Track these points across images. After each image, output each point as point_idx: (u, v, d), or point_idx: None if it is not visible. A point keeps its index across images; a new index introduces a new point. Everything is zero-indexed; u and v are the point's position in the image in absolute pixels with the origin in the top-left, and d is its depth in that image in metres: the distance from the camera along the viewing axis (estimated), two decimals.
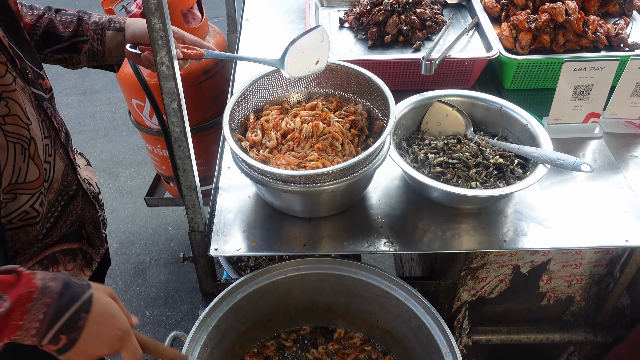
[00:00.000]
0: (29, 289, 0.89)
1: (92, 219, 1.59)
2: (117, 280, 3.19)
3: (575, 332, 1.97)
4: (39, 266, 1.40)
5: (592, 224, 1.59)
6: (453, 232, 1.57)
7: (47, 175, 1.34)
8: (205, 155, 2.78)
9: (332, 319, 1.74)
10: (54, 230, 1.41)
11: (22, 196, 1.27)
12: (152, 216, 3.58)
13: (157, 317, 3.01)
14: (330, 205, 1.57)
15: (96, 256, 1.63)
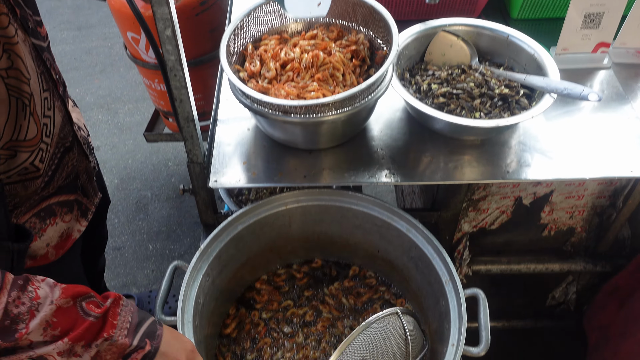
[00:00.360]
0: (115, 298, 1.07)
1: (85, 169, 1.57)
2: (119, 215, 3.21)
3: (574, 262, 1.99)
4: (35, 218, 1.38)
5: (597, 155, 1.56)
6: (455, 164, 1.55)
7: (47, 130, 1.30)
8: (204, 90, 2.73)
9: (332, 250, 1.76)
10: (51, 183, 1.39)
11: (22, 154, 1.24)
12: (152, 152, 3.56)
13: (160, 250, 3.05)
14: (330, 136, 1.55)
15: (91, 206, 1.61)
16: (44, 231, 1.41)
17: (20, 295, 0.92)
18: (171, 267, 1.49)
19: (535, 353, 2.56)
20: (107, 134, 3.67)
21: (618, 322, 1.88)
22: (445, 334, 1.40)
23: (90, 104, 3.88)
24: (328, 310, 1.67)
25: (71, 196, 1.50)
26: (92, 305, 1.03)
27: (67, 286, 1.00)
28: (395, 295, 1.71)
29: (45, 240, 1.42)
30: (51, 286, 0.99)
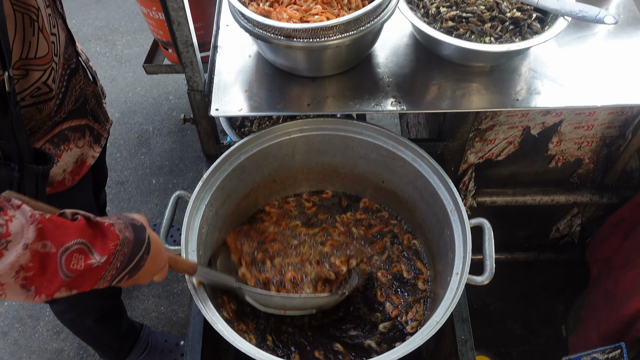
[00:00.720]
0: (115, 242, 0.91)
1: (93, 94, 1.55)
2: (121, 150, 3.18)
3: (581, 194, 1.97)
4: (50, 144, 1.39)
5: (610, 83, 1.51)
6: (463, 91, 1.51)
7: (55, 49, 1.28)
8: (203, 18, 2.64)
9: (337, 181, 1.73)
10: (62, 107, 1.38)
11: (34, 72, 1.22)
12: (153, 85, 3.50)
13: (163, 184, 3.04)
14: (335, 62, 1.49)
15: (103, 132, 1.61)
16: (59, 157, 1.42)
17: None
18: (174, 197, 1.48)
19: (536, 285, 2.59)
20: (106, 67, 3.59)
21: (621, 254, 1.88)
22: (449, 263, 1.39)
23: (88, 35, 3.78)
24: (338, 234, 1.65)
25: (82, 121, 1.48)
26: (76, 255, 0.87)
27: (46, 223, 0.83)
28: (404, 231, 1.69)
29: (62, 166, 1.44)
30: (27, 220, 0.81)
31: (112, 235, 0.91)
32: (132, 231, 0.97)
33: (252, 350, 1.21)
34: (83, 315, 1.90)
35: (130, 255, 0.96)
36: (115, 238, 0.91)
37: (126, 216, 1.00)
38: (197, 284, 1.31)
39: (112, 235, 0.91)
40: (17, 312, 2.60)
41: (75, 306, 1.85)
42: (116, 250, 0.92)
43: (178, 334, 2.52)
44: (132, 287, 2.67)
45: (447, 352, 1.53)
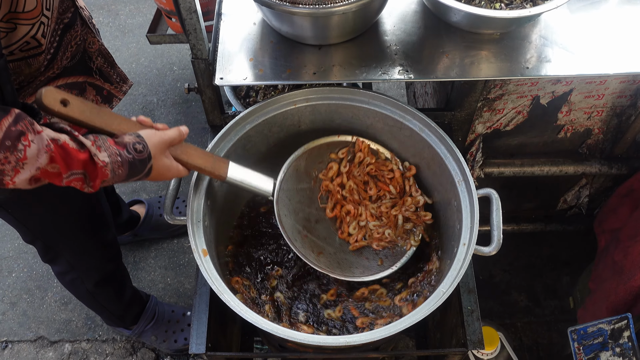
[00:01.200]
0: (102, 179, 1.08)
1: (99, 52, 1.51)
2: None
3: (590, 164, 1.95)
4: None
5: (622, 50, 1.48)
6: (472, 59, 1.48)
7: (47, 3, 1.24)
8: None
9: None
10: (53, 62, 1.35)
11: (22, 27, 1.19)
12: (157, 56, 3.46)
13: None
14: (341, 30, 1.46)
15: (118, 93, 1.59)
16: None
17: (7, 156, 0.95)
18: None
19: (543, 256, 2.59)
20: (109, 37, 3.55)
21: (630, 225, 1.87)
22: (456, 234, 1.39)
23: (90, 5, 3.72)
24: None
25: (79, 78, 1.45)
26: (74, 182, 1.07)
27: (57, 151, 1.01)
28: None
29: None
30: (42, 147, 0.99)
31: (101, 175, 1.06)
32: (126, 168, 1.10)
33: (258, 320, 1.22)
34: (83, 278, 1.91)
35: (123, 180, 1.12)
36: (104, 177, 1.07)
37: (137, 146, 1.12)
38: (204, 254, 1.31)
39: (102, 175, 1.06)
40: (25, 284, 2.62)
41: (75, 267, 1.86)
42: (103, 182, 1.09)
43: (185, 304, 2.53)
44: (138, 258, 2.68)
45: (453, 323, 1.54)
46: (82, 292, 2.01)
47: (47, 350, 2.47)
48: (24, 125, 0.97)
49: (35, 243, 1.72)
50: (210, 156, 1.34)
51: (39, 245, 1.73)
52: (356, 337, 1.21)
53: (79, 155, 1.04)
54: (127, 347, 2.46)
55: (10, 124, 0.95)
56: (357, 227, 1.54)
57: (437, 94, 2.02)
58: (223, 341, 1.62)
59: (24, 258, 2.68)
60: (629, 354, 1.51)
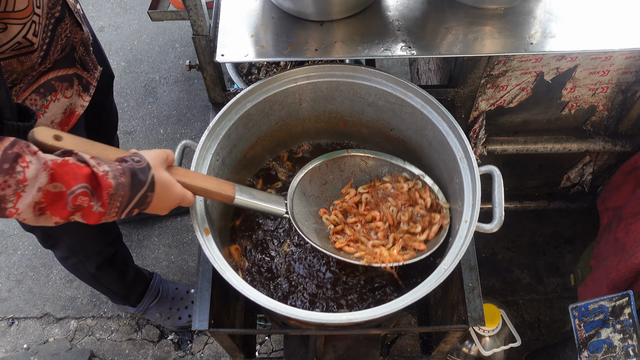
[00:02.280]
0: (108, 190, 1.01)
1: (81, 41, 1.50)
2: (128, 99, 3.16)
3: (594, 142, 1.94)
4: (36, 95, 1.35)
5: (628, 25, 1.46)
6: (476, 35, 1.46)
7: (37, 1, 1.24)
8: None
9: (345, 129, 1.71)
10: (47, 57, 1.34)
11: (13, 27, 1.18)
12: (159, 33, 3.43)
13: (171, 134, 3.02)
14: (343, 5, 1.45)
15: (92, 80, 1.56)
16: (47, 108, 1.39)
17: (7, 179, 0.92)
18: (180, 146, 1.46)
19: (545, 234, 2.59)
20: (110, 14, 3.52)
21: (632, 203, 1.86)
22: (458, 211, 1.38)
23: None
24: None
25: (69, 70, 1.45)
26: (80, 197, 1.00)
27: (57, 169, 0.97)
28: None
29: (49, 117, 1.40)
30: (41, 166, 0.95)
31: (105, 184, 1.01)
32: (129, 176, 1.05)
33: (261, 298, 1.22)
34: (84, 262, 1.93)
35: (130, 196, 1.06)
36: (108, 187, 1.01)
37: (134, 157, 1.09)
38: (206, 233, 1.31)
39: (105, 184, 1.01)
40: (31, 261, 2.64)
41: (75, 252, 1.87)
42: (110, 196, 1.02)
43: (188, 282, 2.55)
44: (142, 236, 2.70)
45: (454, 300, 1.54)
46: (84, 275, 2.02)
47: (53, 327, 2.50)
48: (19, 147, 0.94)
49: (35, 231, 1.72)
50: (213, 178, 1.32)
51: (38, 232, 1.74)
52: (358, 314, 1.22)
53: (81, 169, 1.00)
54: (132, 323, 2.49)
55: (6, 147, 0.92)
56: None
57: (440, 70, 2.00)
58: (226, 318, 1.63)
59: (29, 236, 2.70)
60: (630, 330, 1.52)
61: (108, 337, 2.46)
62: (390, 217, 1.49)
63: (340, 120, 1.67)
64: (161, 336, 2.46)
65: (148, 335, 2.46)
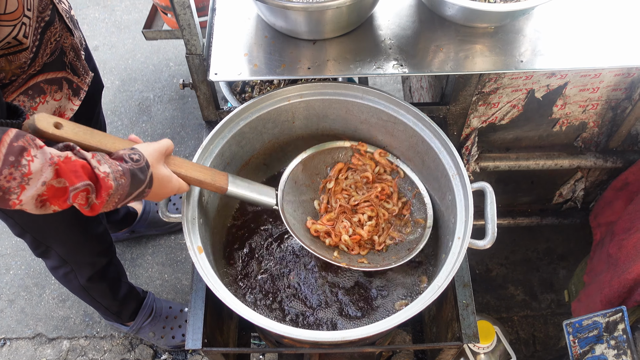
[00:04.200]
0: (108, 192, 1.05)
1: (71, 46, 1.51)
2: (122, 117, 3.16)
3: (585, 158, 1.95)
4: (24, 97, 1.36)
5: (617, 43, 1.48)
6: (467, 53, 1.47)
7: (28, 3, 1.25)
8: None
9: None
10: (36, 59, 1.35)
11: (3, 28, 1.19)
12: (153, 52, 3.45)
13: None
14: (335, 24, 1.46)
15: (82, 85, 1.56)
16: (35, 109, 1.39)
17: (12, 172, 0.94)
18: None
19: (539, 250, 2.59)
20: (105, 33, 3.54)
21: (625, 218, 1.87)
22: (451, 228, 1.39)
23: (85, 0, 3.72)
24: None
25: (59, 73, 1.45)
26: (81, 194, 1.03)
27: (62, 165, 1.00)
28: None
29: None
30: (46, 160, 0.98)
31: (105, 186, 1.04)
32: (129, 177, 1.08)
33: (254, 316, 1.22)
34: (75, 272, 1.92)
35: (128, 193, 1.10)
36: (108, 188, 1.05)
37: (132, 156, 1.12)
38: (199, 251, 1.31)
39: (106, 186, 1.04)
40: (23, 281, 2.62)
41: (67, 262, 1.86)
42: (109, 195, 1.06)
43: (182, 300, 2.54)
44: (136, 255, 2.68)
45: (448, 317, 1.54)
46: (75, 287, 2.01)
47: (45, 347, 2.47)
48: (25, 141, 0.95)
49: (25, 236, 1.71)
50: (208, 169, 1.34)
51: (29, 238, 1.73)
52: (352, 332, 1.21)
53: (84, 166, 1.02)
54: (125, 343, 2.46)
55: (11, 139, 0.93)
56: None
57: (432, 88, 2.02)
58: (220, 337, 1.62)
59: (21, 255, 2.68)
60: (624, 346, 1.52)
61: (101, 358, 2.44)
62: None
63: (334, 137, 1.67)
64: (155, 356, 2.44)
65: (141, 355, 2.43)
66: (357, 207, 1.57)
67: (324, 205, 1.57)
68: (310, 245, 1.46)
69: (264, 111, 1.52)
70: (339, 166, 1.61)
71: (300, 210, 1.54)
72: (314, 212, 1.57)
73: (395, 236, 1.52)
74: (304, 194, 1.58)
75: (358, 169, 1.62)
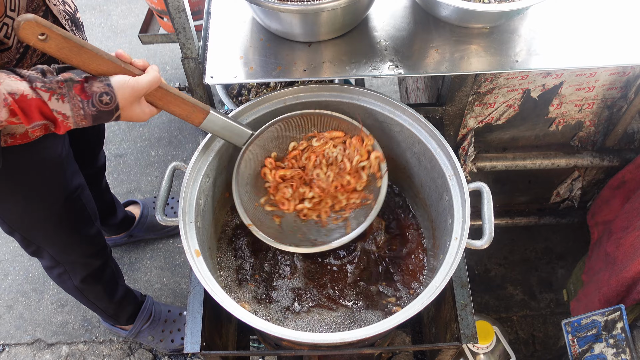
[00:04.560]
0: (66, 128, 1.09)
1: None
2: (119, 122, 3.16)
3: (582, 157, 1.96)
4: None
5: (611, 42, 1.48)
6: (462, 54, 1.48)
7: (11, 3, 1.23)
8: None
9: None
10: (23, 60, 1.33)
11: None
12: (149, 56, 3.45)
13: (163, 156, 3.03)
14: (331, 26, 1.46)
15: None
16: None
17: None
18: (170, 168, 1.47)
19: (537, 250, 2.59)
20: (101, 38, 3.54)
21: (622, 217, 1.87)
22: (448, 228, 1.39)
23: (82, 5, 3.72)
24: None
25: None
26: (39, 130, 1.09)
27: (15, 106, 1.02)
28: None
29: None
30: (1, 101, 1.01)
31: (62, 126, 1.08)
32: (90, 120, 1.10)
33: (252, 319, 1.22)
34: (69, 273, 1.91)
35: (91, 125, 1.12)
36: (67, 128, 1.08)
37: (102, 97, 1.10)
38: (197, 254, 1.31)
39: (64, 127, 1.08)
40: (21, 286, 2.62)
41: (60, 262, 1.86)
42: (68, 129, 1.09)
43: (181, 304, 2.54)
44: (134, 259, 2.68)
45: (447, 317, 1.54)
46: (70, 288, 2.00)
47: (44, 352, 2.46)
48: None
49: (14, 235, 1.70)
50: (189, 105, 1.30)
51: (18, 237, 1.71)
52: (351, 334, 1.21)
53: (39, 106, 1.04)
54: (124, 348, 2.46)
55: None
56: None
57: (428, 89, 2.02)
58: (218, 340, 1.62)
59: (19, 261, 2.68)
60: (622, 345, 1.52)
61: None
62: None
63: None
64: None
65: (141, 359, 2.43)
66: (312, 181, 1.53)
67: (297, 151, 1.52)
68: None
69: (260, 114, 1.53)
70: (338, 134, 1.54)
71: (264, 153, 1.51)
72: (283, 150, 1.53)
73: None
74: (280, 140, 1.53)
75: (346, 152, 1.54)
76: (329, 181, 1.51)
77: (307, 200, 1.52)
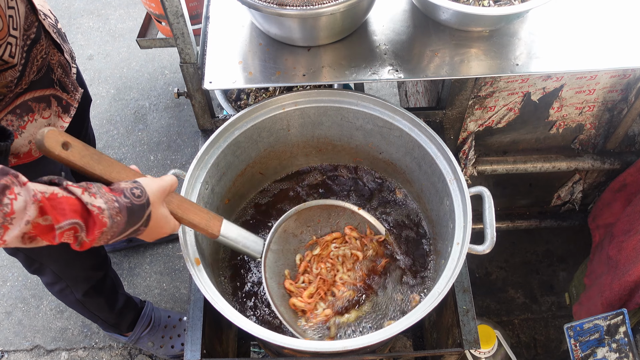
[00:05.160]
0: (101, 229, 0.98)
1: (59, 63, 1.49)
2: (118, 126, 3.15)
3: (582, 160, 1.95)
4: (12, 116, 1.34)
5: (611, 45, 1.48)
6: (462, 57, 1.47)
7: (13, 23, 1.23)
8: None
9: (333, 154, 1.71)
10: (22, 78, 1.34)
11: None
12: (148, 60, 3.44)
13: (162, 160, 3.01)
14: (330, 30, 1.45)
15: (72, 101, 1.55)
16: (24, 128, 1.37)
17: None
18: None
19: (538, 253, 2.58)
20: (99, 42, 3.53)
21: (623, 220, 1.87)
22: (449, 233, 1.38)
23: (80, 10, 3.71)
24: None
25: (46, 91, 1.44)
26: (67, 233, 0.96)
27: (46, 202, 0.93)
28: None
29: (27, 137, 1.39)
30: (30, 198, 0.91)
31: (99, 223, 0.98)
32: (125, 215, 1.02)
33: (253, 328, 1.21)
34: (71, 287, 1.90)
35: (122, 231, 1.03)
36: (102, 226, 0.98)
37: (134, 191, 1.05)
38: (196, 263, 1.30)
39: (100, 224, 0.98)
40: (20, 292, 2.60)
41: (61, 278, 1.85)
42: (102, 233, 0.99)
43: (181, 310, 2.52)
44: (133, 264, 2.67)
45: (449, 323, 1.53)
46: (72, 302, 1.99)
47: (43, 359, 2.45)
48: (9, 179, 0.89)
49: (18, 255, 1.70)
50: (205, 213, 1.30)
51: (21, 257, 1.71)
52: (352, 342, 1.20)
53: (71, 203, 0.96)
54: (124, 354, 2.45)
55: None
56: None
57: (428, 92, 2.01)
58: (219, 346, 1.61)
59: (18, 267, 2.66)
60: (625, 349, 1.51)
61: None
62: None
63: (329, 144, 1.67)
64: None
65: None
66: (336, 283, 1.49)
67: (305, 263, 1.50)
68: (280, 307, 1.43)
69: (259, 120, 1.52)
70: (336, 235, 1.55)
71: (282, 261, 1.49)
72: (293, 264, 1.51)
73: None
74: (289, 242, 1.53)
75: (351, 242, 1.55)
76: (358, 274, 1.50)
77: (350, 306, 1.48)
